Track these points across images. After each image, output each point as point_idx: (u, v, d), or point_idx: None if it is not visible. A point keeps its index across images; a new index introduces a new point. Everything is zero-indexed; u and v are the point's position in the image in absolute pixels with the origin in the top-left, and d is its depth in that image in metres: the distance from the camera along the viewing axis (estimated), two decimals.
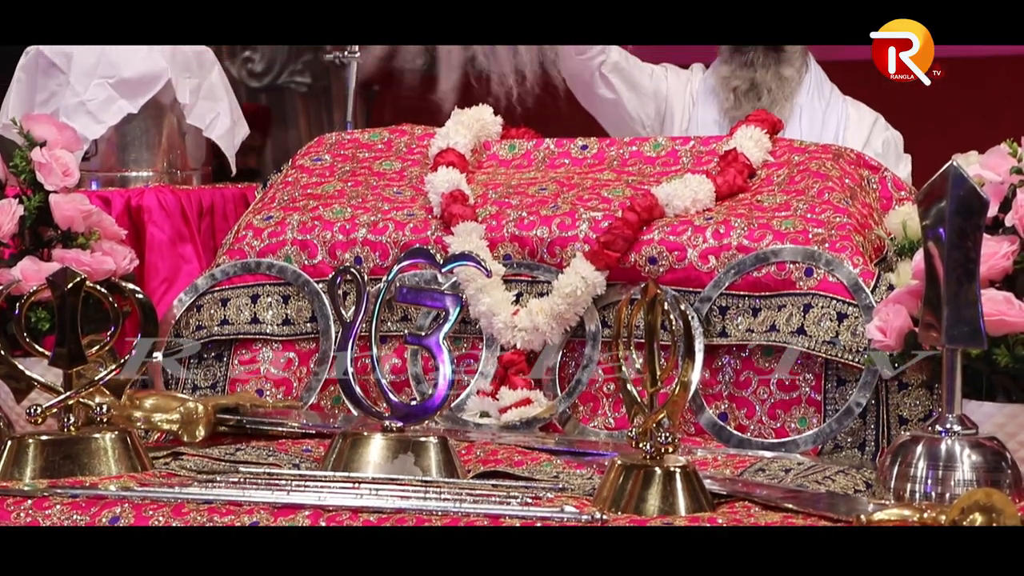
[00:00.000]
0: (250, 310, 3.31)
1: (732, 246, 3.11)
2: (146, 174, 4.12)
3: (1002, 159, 2.77)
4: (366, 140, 3.64)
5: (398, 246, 3.26)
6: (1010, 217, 2.72)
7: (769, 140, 3.39)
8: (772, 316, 3.05)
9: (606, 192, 3.28)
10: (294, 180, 3.53)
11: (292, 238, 3.34)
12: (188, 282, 3.48)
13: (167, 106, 4.11)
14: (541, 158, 3.50)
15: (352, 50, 4.79)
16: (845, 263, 3.03)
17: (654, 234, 3.16)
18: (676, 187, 3.24)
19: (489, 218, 3.26)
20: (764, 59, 4.16)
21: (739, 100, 4.17)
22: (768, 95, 4.14)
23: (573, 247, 3.18)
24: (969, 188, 2.52)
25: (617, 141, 3.52)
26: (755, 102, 4.12)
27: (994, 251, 2.68)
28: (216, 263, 3.41)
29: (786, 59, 4.18)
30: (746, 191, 3.29)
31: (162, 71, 4.06)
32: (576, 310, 3.13)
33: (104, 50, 4.04)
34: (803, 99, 4.22)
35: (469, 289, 3.17)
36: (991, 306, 2.62)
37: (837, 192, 3.21)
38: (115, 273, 3.24)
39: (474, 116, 3.57)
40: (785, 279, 3.06)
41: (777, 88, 4.16)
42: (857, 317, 2.97)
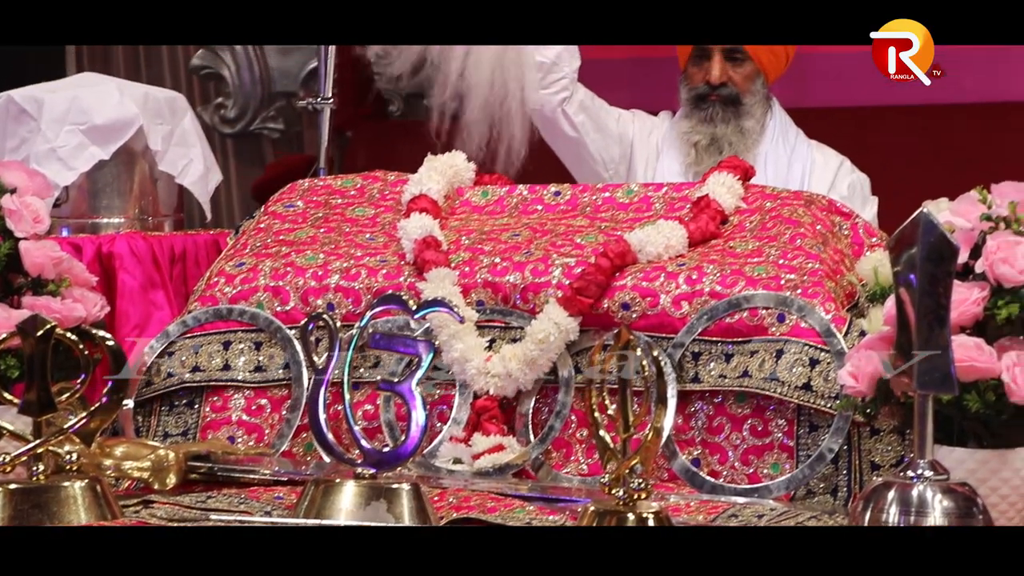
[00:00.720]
0: (222, 357, 3.30)
1: (705, 292, 3.12)
2: (117, 221, 4.11)
3: (972, 206, 2.78)
4: (339, 186, 3.64)
5: (371, 292, 3.26)
6: (980, 264, 2.73)
7: (741, 186, 3.40)
8: (745, 362, 3.05)
9: (579, 238, 3.29)
10: (266, 226, 3.53)
11: (264, 284, 3.34)
12: (159, 329, 3.47)
13: (139, 152, 4.11)
14: (514, 204, 3.50)
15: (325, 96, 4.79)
16: (817, 309, 3.03)
17: (627, 280, 3.17)
18: (649, 233, 3.24)
19: (462, 264, 3.26)
20: (724, 114, 4.17)
21: (700, 155, 4.18)
22: (729, 148, 4.14)
23: (546, 293, 3.18)
24: (939, 235, 2.53)
25: (590, 187, 3.53)
26: (716, 156, 4.12)
27: (965, 297, 2.69)
28: (188, 310, 3.40)
29: (746, 112, 4.18)
30: (719, 237, 3.29)
31: (134, 117, 4.06)
32: (549, 356, 3.13)
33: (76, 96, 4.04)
34: (767, 146, 4.23)
35: (442, 335, 3.16)
36: (962, 352, 2.62)
37: (809, 238, 3.22)
38: (86, 320, 3.23)
39: (447, 162, 3.57)
40: (757, 325, 3.06)
41: (738, 141, 4.16)
42: (829, 363, 2.97)
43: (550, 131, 4.28)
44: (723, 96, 4.16)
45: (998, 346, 2.69)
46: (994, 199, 2.77)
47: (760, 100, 4.20)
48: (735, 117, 4.17)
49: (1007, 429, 2.69)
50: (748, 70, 4.16)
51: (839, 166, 4.25)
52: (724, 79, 4.15)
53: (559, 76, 4.17)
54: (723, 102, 4.16)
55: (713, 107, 4.17)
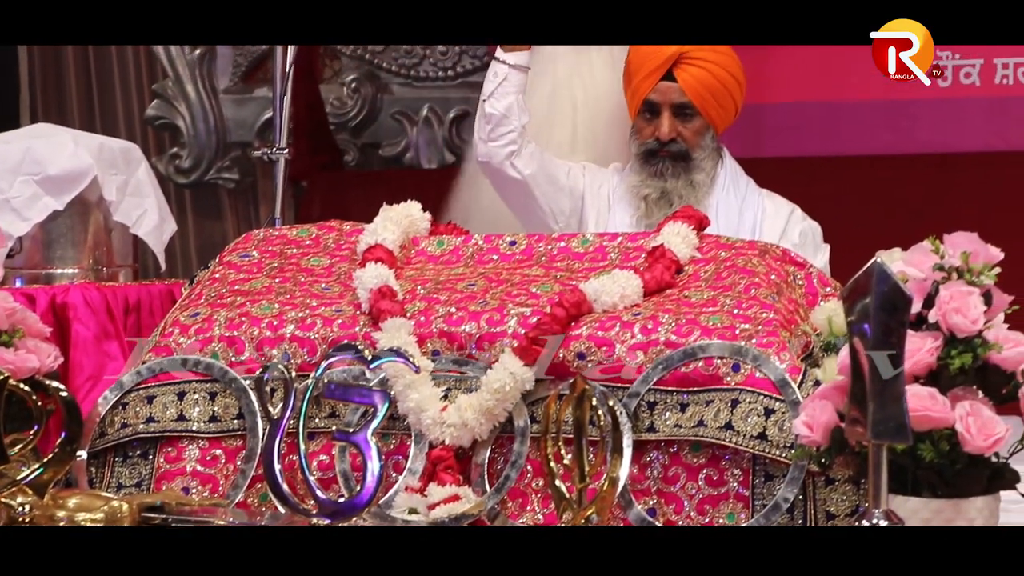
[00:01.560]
0: (176, 407, 3.29)
1: (660, 342, 3.12)
2: (71, 271, 4.10)
3: (925, 256, 2.80)
4: (294, 236, 3.64)
5: (326, 342, 3.26)
6: (933, 313, 2.74)
7: (696, 236, 3.41)
8: (700, 411, 3.06)
9: (535, 288, 3.29)
10: (221, 276, 3.52)
11: (219, 335, 3.33)
12: (113, 380, 3.45)
13: (93, 203, 4.10)
14: (470, 254, 3.51)
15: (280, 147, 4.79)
16: (772, 359, 3.05)
17: (582, 330, 3.17)
18: (604, 283, 3.25)
19: (418, 314, 3.26)
20: (674, 168, 4.17)
21: (650, 208, 4.18)
22: (680, 200, 4.14)
23: (502, 343, 3.18)
24: (893, 285, 2.55)
25: (545, 237, 3.54)
26: (666, 209, 4.12)
27: (918, 347, 2.70)
28: (142, 360, 3.38)
29: (696, 166, 4.19)
30: (674, 287, 3.30)
31: (88, 168, 4.05)
32: (505, 406, 3.13)
33: (30, 147, 4.03)
34: (718, 196, 4.23)
35: (397, 385, 3.16)
36: (916, 402, 2.64)
37: (763, 288, 3.23)
38: (39, 371, 3.21)
39: (402, 212, 3.58)
40: (713, 374, 3.07)
41: (688, 194, 4.16)
42: (784, 412, 2.98)
43: (499, 182, 4.27)
44: (672, 152, 4.16)
45: (951, 396, 2.71)
46: (947, 249, 2.79)
47: (710, 153, 4.20)
48: (685, 172, 4.17)
49: (961, 479, 2.70)
50: (697, 125, 4.17)
51: (790, 213, 4.26)
52: (673, 135, 4.16)
53: (508, 130, 4.17)
54: (673, 157, 4.17)
55: (663, 162, 4.17)
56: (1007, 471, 2.74)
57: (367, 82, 6.81)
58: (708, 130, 4.18)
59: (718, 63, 4.14)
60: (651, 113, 4.17)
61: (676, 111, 4.16)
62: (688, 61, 4.13)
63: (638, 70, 4.17)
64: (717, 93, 4.15)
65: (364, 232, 3.53)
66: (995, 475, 2.73)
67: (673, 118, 4.16)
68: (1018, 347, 2.74)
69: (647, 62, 4.15)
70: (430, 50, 6.82)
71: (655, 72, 4.14)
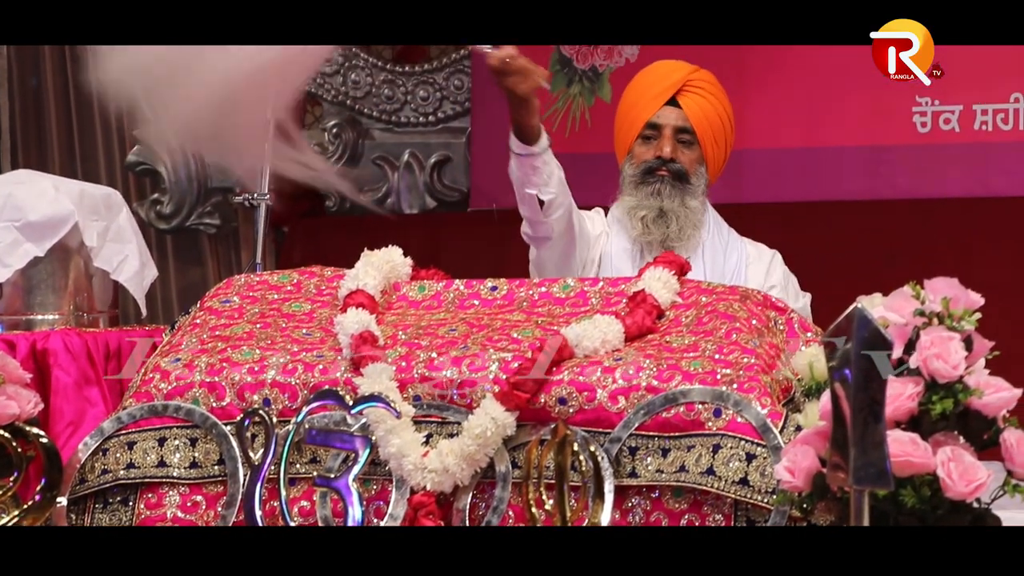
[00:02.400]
0: (157, 453, 3.28)
1: (641, 387, 3.12)
2: (52, 317, 4.09)
3: (905, 301, 2.81)
4: (275, 282, 3.63)
5: (307, 387, 3.25)
6: (914, 359, 2.75)
7: (677, 281, 3.42)
8: (681, 457, 3.06)
9: (516, 333, 3.29)
10: (202, 322, 3.52)
11: (200, 380, 3.32)
12: (94, 426, 3.44)
13: (74, 249, 4.09)
14: (451, 299, 3.51)
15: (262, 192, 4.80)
16: (753, 404, 3.05)
17: (564, 375, 3.17)
18: (585, 328, 3.25)
19: (399, 359, 3.26)
20: (671, 189, 4.17)
21: (647, 227, 4.18)
22: (676, 222, 4.15)
23: (483, 388, 3.18)
24: (874, 330, 2.55)
25: (526, 282, 3.54)
26: (664, 228, 4.13)
27: (899, 392, 2.70)
28: (122, 406, 3.38)
29: (691, 191, 4.20)
30: (655, 332, 3.31)
31: (69, 214, 4.04)
32: (486, 451, 3.13)
33: (11, 193, 4.03)
34: (705, 237, 4.25)
35: (379, 431, 3.15)
36: (897, 447, 2.64)
37: (744, 333, 3.24)
38: (19, 417, 3.20)
39: (384, 257, 3.58)
40: (694, 420, 3.07)
41: (684, 216, 4.17)
42: (766, 458, 2.98)
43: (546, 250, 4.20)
44: (672, 171, 4.16)
45: (933, 441, 2.71)
46: (927, 295, 2.80)
47: (702, 187, 4.21)
48: (681, 194, 4.17)
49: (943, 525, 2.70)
50: (695, 155, 4.19)
51: (772, 257, 4.29)
52: (674, 155, 4.17)
53: (564, 196, 4.11)
54: (672, 177, 4.17)
55: (661, 181, 4.17)
56: (989, 517, 2.74)
57: (348, 127, 6.82)
58: (702, 164, 4.20)
59: (719, 98, 4.19)
60: (652, 135, 4.17)
61: (676, 134, 4.17)
62: (692, 89, 4.17)
63: (643, 94, 4.19)
64: (715, 126, 4.18)
65: (345, 277, 3.53)
66: (977, 521, 2.73)
67: (673, 139, 4.18)
68: (999, 392, 2.74)
69: (654, 86, 4.19)
70: (411, 96, 6.84)
71: (661, 95, 4.17)
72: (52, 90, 6.60)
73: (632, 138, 4.21)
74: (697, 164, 4.19)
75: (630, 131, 4.21)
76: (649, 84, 4.23)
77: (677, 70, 4.21)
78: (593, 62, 6.18)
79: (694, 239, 4.16)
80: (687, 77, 4.19)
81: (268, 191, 4.82)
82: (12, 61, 6.61)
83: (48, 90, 6.60)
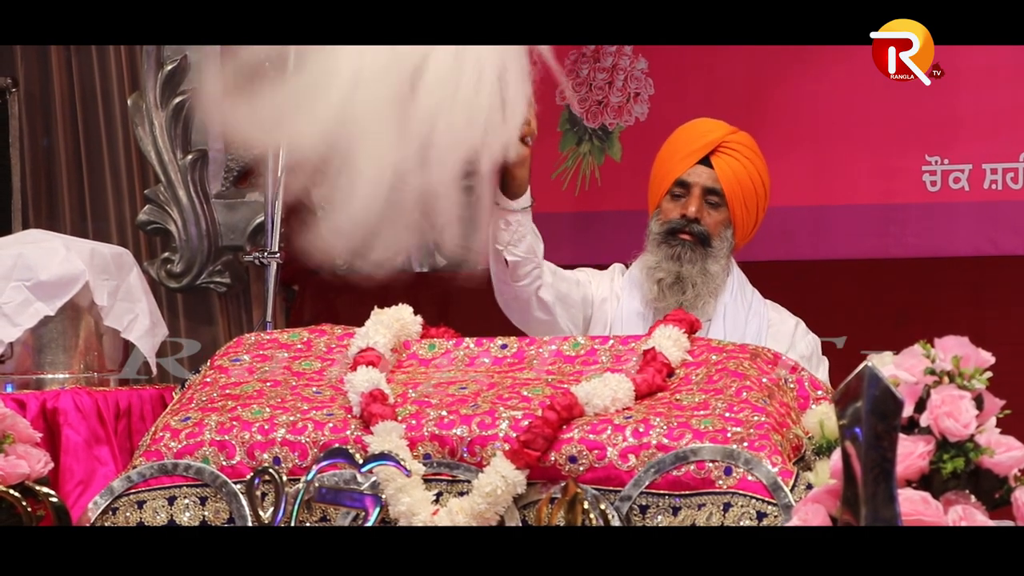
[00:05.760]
0: (167, 512, 3.27)
1: (652, 445, 3.12)
2: (62, 376, 4.09)
3: (916, 360, 2.80)
4: (285, 340, 3.64)
5: (317, 446, 3.25)
6: (925, 417, 2.74)
7: (687, 339, 3.42)
8: (692, 515, 3.05)
9: (526, 391, 3.29)
10: (212, 380, 3.52)
11: (210, 439, 3.32)
12: (104, 485, 3.44)
13: (84, 308, 4.10)
14: (461, 357, 3.51)
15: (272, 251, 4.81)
16: (764, 462, 3.04)
17: (574, 433, 3.17)
18: (595, 386, 3.25)
19: (409, 417, 3.26)
20: (692, 255, 4.16)
21: (663, 292, 4.16)
22: (692, 289, 4.14)
23: (493, 446, 3.17)
24: (884, 388, 2.55)
25: (537, 340, 3.54)
26: (679, 295, 4.12)
27: (910, 451, 2.70)
28: (132, 465, 3.38)
29: (713, 255, 4.18)
30: (665, 390, 3.30)
31: (79, 274, 4.05)
32: (496, 509, 3.12)
33: (21, 253, 4.04)
34: (726, 300, 4.23)
35: (389, 489, 3.15)
36: (908, 506, 2.63)
37: (755, 391, 3.23)
38: (29, 477, 3.20)
39: (394, 316, 3.58)
40: (704, 478, 3.07)
41: (702, 283, 4.16)
42: (776, 516, 2.97)
43: (524, 317, 4.20)
44: (695, 233, 4.15)
45: (944, 500, 2.70)
46: (938, 353, 2.79)
47: (726, 251, 4.19)
48: (702, 259, 4.15)
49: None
50: (722, 217, 4.16)
51: (795, 326, 4.25)
52: (700, 215, 4.16)
53: (532, 266, 4.11)
54: (693, 241, 4.15)
55: (682, 245, 4.15)
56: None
57: None
58: (729, 227, 4.17)
59: (753, 162, 4.17)
60: (680, 193, 4.16)
61: (704, 194, 4.16)
62: (727, 150, 4.15)
63: (678, 151, 4.18)
64: (747, 190, 4.16)
65: (355, 336, 3.53)
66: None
67: (701, 199, 4.16)
68: (1010, 451, 2.73)
69: (689, 143, 4.17)
70: None
71: (694, 154, 4.15)
72: (63, 150, 6.62)
73: (662, 193, 4.20)
74: (723, 227, 4.17)
75: (660, 186, 4.21)
76: (685, 142, 4.21)
77: (714, 130, 4.19)
78: (603, 121, 6.19)
79: (711, 305, 4.14)
80: (723, 138, 4.17)
81: (279, 249, 4.82)
82: (23, 121, 6.63)
83: (59, 150, 6.63)
